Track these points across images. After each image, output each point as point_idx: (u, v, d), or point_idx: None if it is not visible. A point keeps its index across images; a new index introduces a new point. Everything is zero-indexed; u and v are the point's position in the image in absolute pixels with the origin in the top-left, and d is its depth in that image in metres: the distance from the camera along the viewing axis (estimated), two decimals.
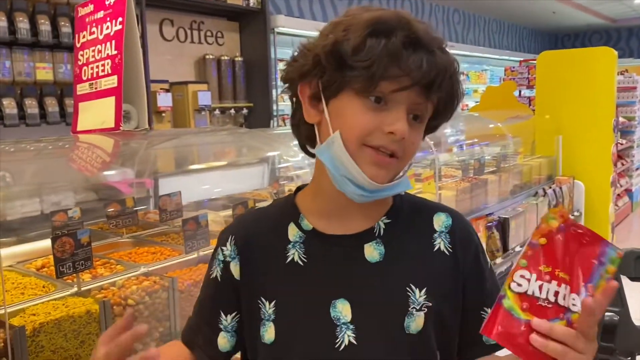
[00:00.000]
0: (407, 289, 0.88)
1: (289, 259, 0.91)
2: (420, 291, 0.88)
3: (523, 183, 4.03)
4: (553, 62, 4.64)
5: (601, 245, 0.77)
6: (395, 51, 0.78)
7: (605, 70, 4.62)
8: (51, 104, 4.20)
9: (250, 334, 0.93)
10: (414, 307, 0.87)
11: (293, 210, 0.94)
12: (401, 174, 0.88)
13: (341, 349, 0.85)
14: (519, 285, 0.76)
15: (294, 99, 0.92)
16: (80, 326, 1.39)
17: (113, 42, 1.86)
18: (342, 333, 0.85)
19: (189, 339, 1.01)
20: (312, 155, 0.92)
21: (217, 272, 0.97)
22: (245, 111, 5.52)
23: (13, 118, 3.96)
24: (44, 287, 1.55)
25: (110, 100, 1.87)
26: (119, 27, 1.84)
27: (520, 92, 8.17)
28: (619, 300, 1.01)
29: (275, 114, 5.83)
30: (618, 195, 7.17)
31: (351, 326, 0.86)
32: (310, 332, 0.87)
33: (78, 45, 2.04)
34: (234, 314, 0.96)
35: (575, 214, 4.63)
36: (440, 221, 0.94)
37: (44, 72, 4.16)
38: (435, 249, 0.92)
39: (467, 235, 0.95)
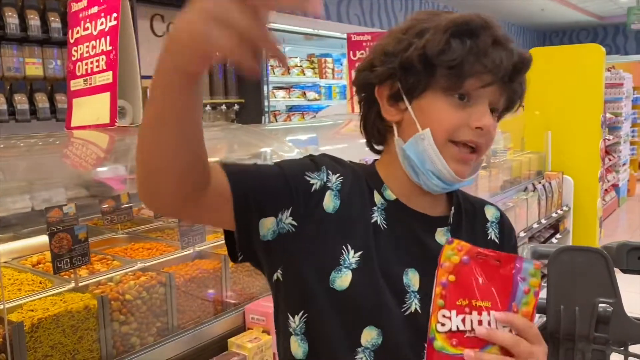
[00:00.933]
0: None
1: (374, 220, 0.94)
2: None
3: (513, 178, 4.07)
4: (542, 58, 4.68)
5: (515, 262, 0.80)
6: (480, 50, 0.84)
7: (593, 67, 4.68)
8: (41, 100, 4.17)
9: (313, 274, 0.90)
10: None
11: (377, 178, 0.98)
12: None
13: (407, 313, 0.90)
14: (443, 325, 0.79)
15: (363, 101, 0.98)
16: (79, 321, 1.39)
17: (108, 37, 1.85)
18: (411, 300, 0.91)
19: (232, 169, 0.86)
20: (378, 152, 1.01)
21: (315, 184, 0.91)
22: (236, 107, 5.50)
23: (3, 114, 3.92)
24: (40, 283, 1.55)
25: (105, 96, 1.86)
26: (114, 22, 1.84)
27: None
28: (612, 291, 1.04)
29: (266, 110, 5.83)
30: (605, 190, 7.27)
31: (418, 295, 0.91)
32: (386, 292, 0.90)
33: (72, 40, 2.03)
34: (295, 225, 0.89)
35: (565, 208, 4.69)
36: (491, 213, 1.04)
37: (33, 68, 4.13)
38: (489, 237, 1.02)
39: (510, 228, 1.06)
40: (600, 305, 1.02)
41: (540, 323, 1.08)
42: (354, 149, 3.46)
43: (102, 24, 1.88)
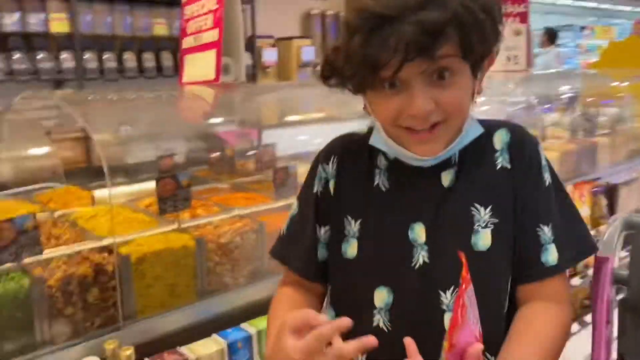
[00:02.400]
0: (472, 208, 0.92)
1: (375, 183, 0.97)
2: (485, 209, 0.91)
3: None
4: None
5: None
6: (375, 38, 0.78)
7: None
8: (167, 58, 4.48)
9: (333, 248, 0.99)
10: (479, 225, 0.91)
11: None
12: (463, 129, 0.89)
13: (416, 267, 0.91)
14: None
15: None
16: (178, 258, 1.54)
17: None
18: (418, 253, 0.92)
19: (283, 254, 1.07)
20: None
21: (318, 187, 1.02)
22: None
23: (132, 71, 4.29)
24: (150, 222, 1.72)
25: (212, 53, 1.98)
26: None
27: None
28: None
29: None
30: None
31: (425, 247, 0.92)
32: (390, 251, 0.93)
33: (184, 0, 2.16)
34: (327, 228, 1.01)
35: None
36: (500, 137, 0.96)
37: (160, 28, 4.44)
38: (499, 167, 0.94)
39: (523, 149, 0.95)
40: None
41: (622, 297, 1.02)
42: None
43: None
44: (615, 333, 1.07)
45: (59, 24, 4.01)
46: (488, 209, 0.91)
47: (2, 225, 1.29)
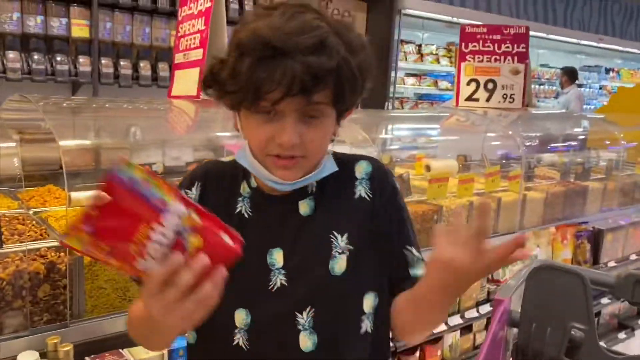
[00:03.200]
0: (331, 235, 0.98)
1: (237, 210, 1.02)
2: (342, 236, 0.98)
3: (634, 196, 3.68)
4: None
5: (111, 184, 0.68)
6: (255, 73, 0.84)
7: None
8: (163, 69, 4.57)
9: None
10: (336, 251, 0.97)
11: (245, 169, 1.03)
12: (322, 163, 0.97)
13: (274, 290, 0.97)
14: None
15: None
16: None
17: (203, 18, 2.05)
18: (275, 277, 0.98)
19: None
20: None
21: None
22: None
23: (147, 79, 4.43)
24: None
25: (196, 71, 2.07)
26: (209, 4, 2.02)
27: None
28: (586, 317, 0.97)
29: (391, 95, 5.85)
30: None
31: (283, 271, 0.98)
32: (248, 275, 0.97)
33: (179, 18, 2.27)
34: None
35: None
36: (362, 168, 1.04)
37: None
38: (357, 196, 1.02)
39: (384, 179, 1.03)
40: (573, 330, 0.96)
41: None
42: (448, 142, 3.39)
43: (201, 4, 2.08)
44: None
45: (79, 29, 4.19)
46: (345, 236, 0.98)
47: None
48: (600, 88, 9.78)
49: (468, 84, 3.25)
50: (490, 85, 3.20)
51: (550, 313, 0.98)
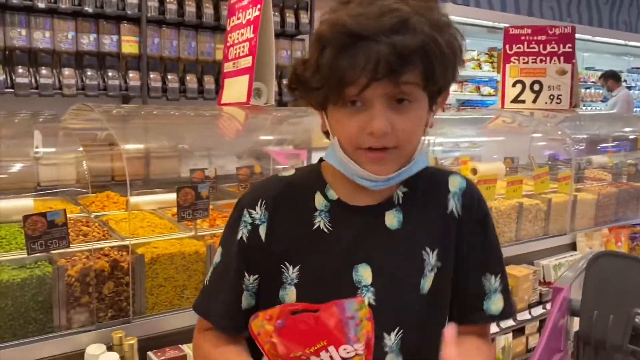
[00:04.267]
0: (423, 252, 0.94)
1: (315, 226, 0.95)
2: (433, 252, 0.94)
3: None
4: None
5: (336, 306, 0.82)
6: (344, 56, 0.81)
7: None
8: (209, 82, 4.69)
9: (269, 296, 0.96)
10: (427, 269, 0.94)
11: (319, 180, 0.99)
12: (414, 157, 0.91)
13: None
14: None
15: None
16: (189, 262, 1.67)
17: (251, 26, 2.12)
18: (364, 295, 0.91)
19: (204, 309, 1.02)
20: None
21: (243, 233, 0.98)
22: None
23: (193, 92, 4.56)
24: (170, 228, 1.87)
25: (245, 78, 2.13)
26: (257, 13, 2.09)
27: None
28: None
29: None
30: None
31: (372, 289, 0.92)
32: (333, 295, 0.88)
33: (228, 29, 2.35)
34: (256, 276, 0.98)
35: None
36: (456, 182, 1.00)
37: (221, 53, 4.69)
38: (449, 210, 0.98)
39: (477, 202, 0.99)
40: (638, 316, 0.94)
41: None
42: (493, 144, 3.36)
43: (249, 14, 2.15)
44: None
45: (129, 45, 4.36)
46: (435, 252, 0.94)
47: (36, 218, 1.47)
48: None
49: (513, 85, 3.22)
50: (536, 87, 3.16)
51: (612, 301, 0.97)
